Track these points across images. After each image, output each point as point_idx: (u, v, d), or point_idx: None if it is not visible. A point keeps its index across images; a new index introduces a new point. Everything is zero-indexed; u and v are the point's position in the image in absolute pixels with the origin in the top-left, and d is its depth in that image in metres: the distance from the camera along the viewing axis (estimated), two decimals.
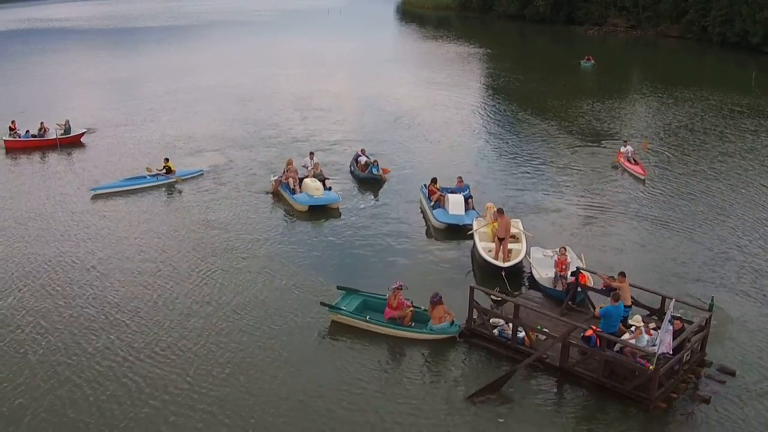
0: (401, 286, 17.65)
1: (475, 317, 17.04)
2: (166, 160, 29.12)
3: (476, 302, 16.99)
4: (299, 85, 51.01)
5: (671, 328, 14.12)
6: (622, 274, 16.90)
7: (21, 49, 73.16)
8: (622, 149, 31.17)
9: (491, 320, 16.91)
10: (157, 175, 28.56)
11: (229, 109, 42.89)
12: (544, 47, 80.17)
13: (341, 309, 17.83)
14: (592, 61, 59.41)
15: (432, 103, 44.76)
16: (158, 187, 28.21)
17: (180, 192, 27.95)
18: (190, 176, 29.29)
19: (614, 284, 16.67)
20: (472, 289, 17.09)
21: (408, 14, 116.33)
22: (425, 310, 17.46)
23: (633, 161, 30.20)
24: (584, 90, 50.56)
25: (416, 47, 76.66)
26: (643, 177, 28.92)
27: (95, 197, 27.06)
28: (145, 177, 28.49)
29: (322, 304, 17.96)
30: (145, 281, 20.11)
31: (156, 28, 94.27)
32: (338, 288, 18.79)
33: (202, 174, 29.70)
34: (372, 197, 27.43)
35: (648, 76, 58.14)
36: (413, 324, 17.40)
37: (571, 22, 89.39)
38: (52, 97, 47.20)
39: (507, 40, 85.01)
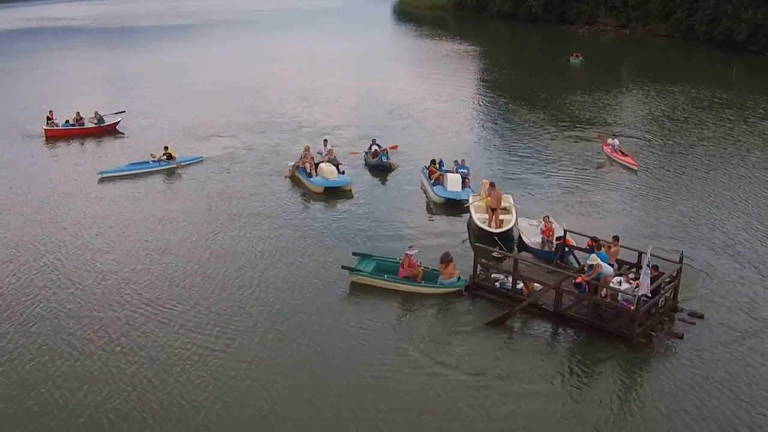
0: (413, 249, 20.19)
1: (479, 272, 19.58)
2: (166, 147, 31.33)
3: (480, 259, 19.57)
4: (303, 79, 53.85)
5: (649, 271, 16.65)
6: (616, 238, 19.56)
7: (32, 46, 75.82)
8: (609, 141, 32.86)
9: (493, 275, 19.51)
10: (159, 160, 30.79)
11: (240, 100, 45.71)
12: (535, 45, 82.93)
13: (360, 271, 20.21)
14: (581, 58, 61.83)
15: (428, 96, 47.48)
16: (164, 171, 30.53)
17: (182, 176, 30.33)
18: (189, 162, 31.53)
19: (612, 248, 19.21)
20: (476, 248, 19.68)
21: (404, 14, 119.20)
22: (434, 269, 19.95)
23: (621, 153, 31.78)
24: (572, 84, 53.20)
25: (413, 45, 79.31)
26: (635, 168, 30.49)
27: (103, 180, 29.46)
28: (149, 162, 30.78)
29: (343, 267, 20.25)
30: (183, 247, 22.64)
31: (161, 27, 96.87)
32: (353, 254, 21.18)
33: (202, 160, 31.94)
34: (380, 181, 29.94)
35: (635, 72, 61.01)
36: (423, 282, 19.87)
37: (563, 22, 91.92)
38: (72, 90, 49.68)
39: (500, 39, 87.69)
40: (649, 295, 16.94)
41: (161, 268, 21.06)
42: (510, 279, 19.09)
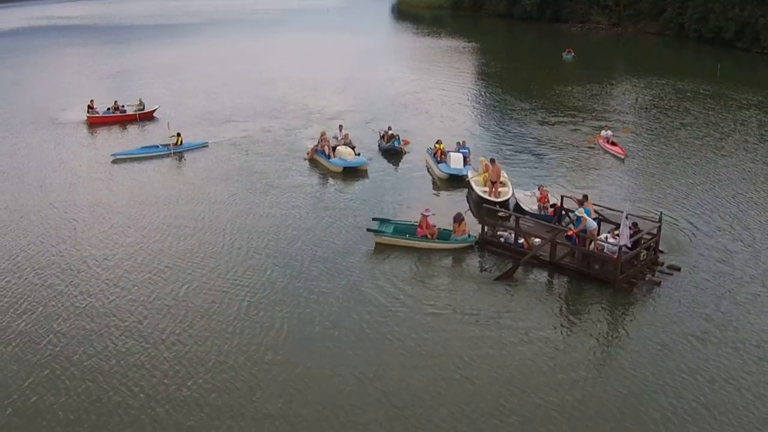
0: (429, 211, 23.23)
1: (486, 231, 22.77)
2: (178, 134, 34.14)
3: (487, 219, 22.77)
4: (311, 72, 57.38)
5: (628, 223, 19.76)
6: (585, 197, 22.57)
7: (46, 43, 78.96)
8: (603, 133, 35.01)
9: (498, 232, 22.71)
10: (169, 145, 33.56)
11: (252, 90, 49.35)
12: (530, 42, 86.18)
13: (384, 232, 23.22)
14: (573, 54, 64.96)
15: (430, 86, 50.93)
16: (174, 154, 33.39)
17: (200, 158, 33.21)
18: (195, 148, 34.38)
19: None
20: (485, 209, 22.87)
21: (403, 13, 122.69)
22: (446, 229, 23.02)
23: (612, 143, 33.98)
24: (564, 77, 56.24)
25: (413, 42, 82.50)
26: (623, 156, 32.72)
27: (116, 161, 32.45)
28: (158, 146, 33.66)
29: (368, 230, 23.18)
30: (221, 218, 25.58)
31: (171, 25, 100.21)
32: (373, 219, 24.11)
33: (207, 145, 34.92)
34: (392, 163, 32.92)
35: (625, 67, 64.34)
36: (438, 239, 22.87)
37: (557, 20, 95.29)
38: (92, 83, 52.66)
39: (496, 36, 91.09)
40: (629, 246, 20.02)
41: (198, 233, 23.95)
42: (513, 235, 22.26)
